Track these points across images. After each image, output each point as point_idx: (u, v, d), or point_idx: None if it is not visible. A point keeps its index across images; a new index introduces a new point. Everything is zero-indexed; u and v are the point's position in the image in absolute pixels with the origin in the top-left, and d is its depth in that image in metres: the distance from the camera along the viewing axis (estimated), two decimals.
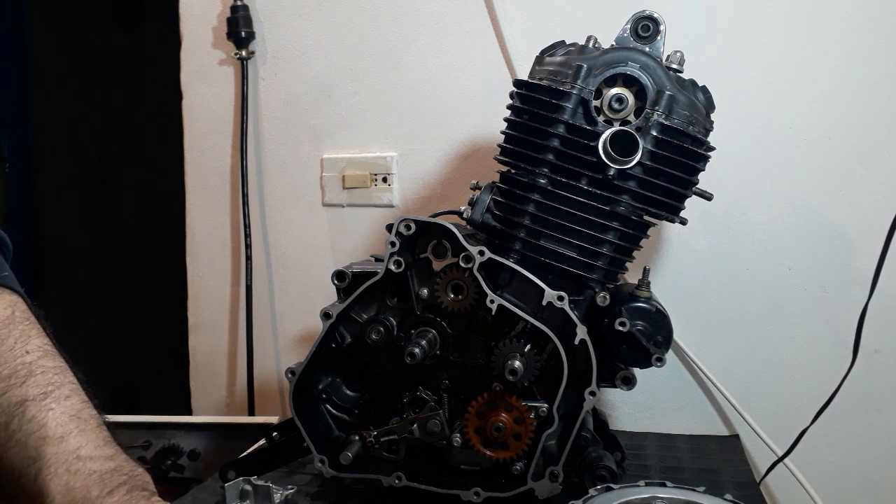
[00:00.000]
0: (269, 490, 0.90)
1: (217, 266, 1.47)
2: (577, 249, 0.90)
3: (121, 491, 0.63)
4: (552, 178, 0.90)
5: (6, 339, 0.69)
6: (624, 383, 0.91)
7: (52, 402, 0.67)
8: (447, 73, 1.32)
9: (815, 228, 1.20)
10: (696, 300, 1.25)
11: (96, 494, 0.62)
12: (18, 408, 0.66)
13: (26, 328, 0.71)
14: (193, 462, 1.29)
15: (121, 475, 0.64)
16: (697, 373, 1.25)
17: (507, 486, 0.91)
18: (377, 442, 0.93)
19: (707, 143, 0.93)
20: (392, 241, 0.90)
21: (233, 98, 1.44)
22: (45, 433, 0.65)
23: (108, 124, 2.14)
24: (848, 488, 1.21)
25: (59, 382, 0.68)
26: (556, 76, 0.91)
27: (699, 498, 0.79)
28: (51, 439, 0.65)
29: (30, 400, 0.66)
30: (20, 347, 0.69)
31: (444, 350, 0.93)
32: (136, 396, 2.17)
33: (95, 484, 0.63)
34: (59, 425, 0.65)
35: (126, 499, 0.62)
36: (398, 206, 1.37)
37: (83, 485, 0.63)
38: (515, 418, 0.90)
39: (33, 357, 0.69)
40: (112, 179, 2.20)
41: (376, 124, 1.37)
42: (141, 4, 2.11)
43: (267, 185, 1.43)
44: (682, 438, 1.23)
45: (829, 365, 1.16)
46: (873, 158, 1.18)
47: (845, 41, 1.17)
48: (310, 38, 1.39)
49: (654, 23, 0.91)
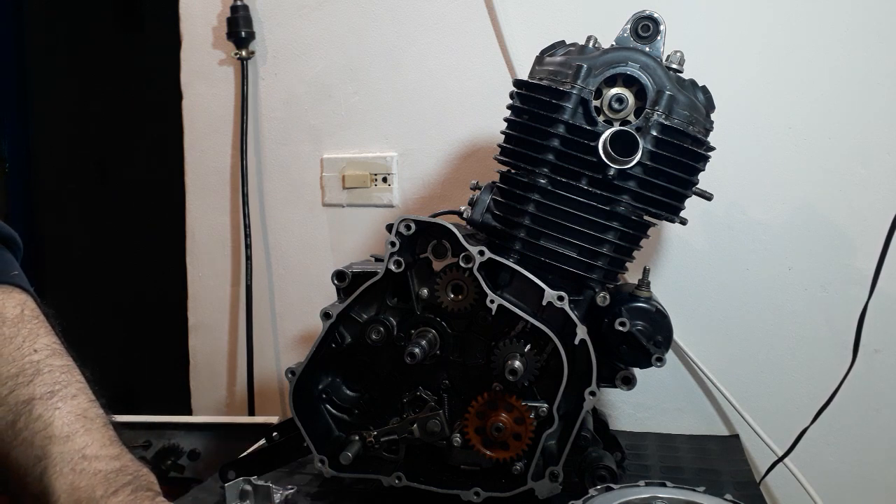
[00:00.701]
0: (269, 490, 0.90)
1: (217, 266, 1.47)
2: (577, 249, 0.90)
3: (125, 491, 0.63)
4: (552, 178, 0.90)
5: (14, 338, 0.70)
6: (624, 383, 0.91)
7: (58, 401, 0.67)
8: (447, 73, 1.32)
9: (815, 228, 1.20)
10: (696, 300, 1.25)
11: (101, 494, 0.62)
12: (25, 406, 0.66)
13: (35, 327, 0.72)
14: (193, 462, 1.29)
15: (126, 475, 0.64)
16: (697, 373, 1.25)
17: (507, 486, 0.91)
18: (377, 442, 0.93)
19: (707, 143, 0.93)
20: (392, 241, 0.90)
21: (233, 98, 1.44)
22: (51, 432, 0.65)
23: (108, 124, 2.14)
24: (848, 488, 1.21)
25: (66, 381, 0.69)
26: (556, 76, 0.91)
27: (699, 498, 0.79)
28: (57, 438, 0.65)
29: (37, 399, 0.66)
30: (28, 346, 0.70)
31: (444, 350, 0.92)
32: (136, 396, 2.17)
33: (100, 483, 0.63)
34: (65, 424, 0.66)
35: (130, 499, 0.62)
36: (398, 206, 1.37)
37: (88, 484, 0.63)
38: (515, 418, 0.90)
39: (41, 356, 0.69)
40: (112, 179, 2.20)
41: (376, 124, 1.37)
42: (141, 4, 2.11)
43: (267, 185, 1.43)
44: (682, 438, 1.23)
45: (829, 365, 1.16)
46: (873, 158, 1.18)
47: (845, 41, 1.17)
48: (310, 38, 1.39)
49: (654, 23, 0.91)
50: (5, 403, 0.66)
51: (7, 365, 0.68)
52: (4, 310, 0.71)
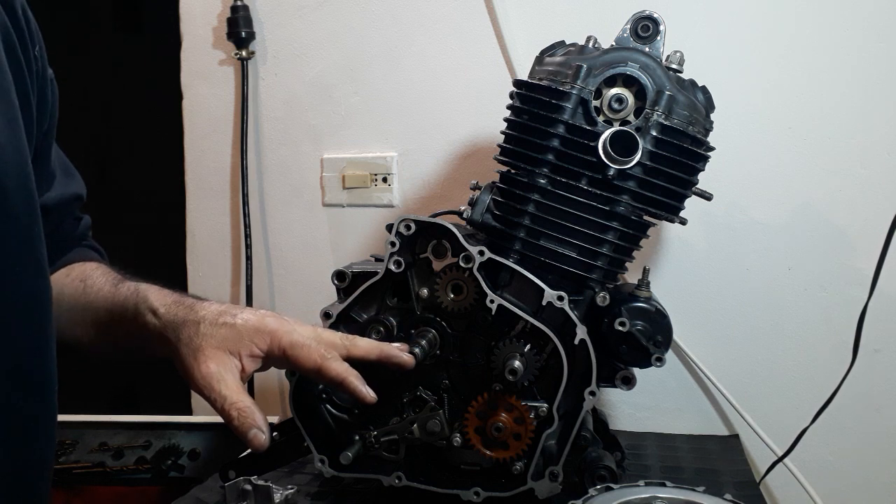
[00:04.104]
0: (269, 490, 0.90)
1: (217, 266, 1.47)
2: (577, 249, 0.90)
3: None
4: (552, 178, 0.90)
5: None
6: (624, 383, 0.91)
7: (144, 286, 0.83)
8: (447, 73, 1.32)
9: (815, 228, 1.20)
10: (696, 300, 1.25)
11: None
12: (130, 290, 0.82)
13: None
14: (193, 462, 1.29)
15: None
16: (697, 373, 1.25)
17: (506, 486, 0.91)
18: (377, 442, 0.93)
19: (707, 143, 0.93)
20: (392, 241, 0.90)
21: (233, 98, 1.44)
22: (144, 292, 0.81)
23: (108, 124, 2.13)
24: (848, 488, 1.21)
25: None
26: (556, 76, 0.91)
27: (699, 498, 0.79)
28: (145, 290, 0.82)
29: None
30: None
31: (444, 350, 0.92)
32: (137, 396, 2.16)
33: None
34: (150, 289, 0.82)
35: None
36: (398, 206, 1.37)
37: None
38: (515, 418, 0.90)
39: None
40: (112, 179, 2.19)
41: (376, 124, 1.37)
42: (141, 4, 2.11)
43: (267, 185, 1.43)
44: (682, 438, 1.23)
45: (829, 365, 1.16)
46: (873, 158, 1.18)
47: (845, 41, 1.17)
48: (310, 38, 1.39)
49: (653, 23, 0.91)
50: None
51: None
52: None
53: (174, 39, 1.46)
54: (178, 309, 0.78)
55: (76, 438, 1.31)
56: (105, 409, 1.41)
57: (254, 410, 0.71)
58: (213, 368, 0.73)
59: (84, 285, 0.85)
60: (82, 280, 0.86)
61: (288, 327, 0.76)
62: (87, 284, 0.85)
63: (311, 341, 0.76)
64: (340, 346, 0.78)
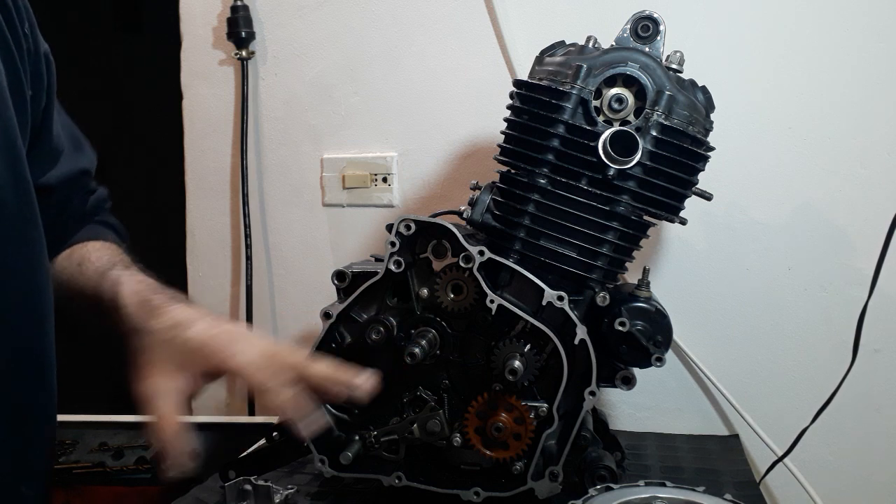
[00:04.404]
0: (269, 490, 0.90)
1: (217, 266, 1.47)
2: (577, 249, 0.90)
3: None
4: (552, 178, 0.90)
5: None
6: (624, 383, 0.91)
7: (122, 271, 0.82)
8: (447, 73, 1.32)
9: (815, 228, 1.20)
10: (696, 300, 1.25)
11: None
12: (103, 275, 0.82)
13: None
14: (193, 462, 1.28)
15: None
16: (697, 373, 1.25)
17: (507, 486, 0.91)
18: (377, 442, 0.93)
19: (707, 143, 0.93)
20: (392, 241, 0.90)
21: (233, 98, 1.44)
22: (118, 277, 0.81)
23: (108, 124, 2.13)
24: (848, 488, 1.22)
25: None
26: (556, 76, 0.91)
27: (699, 498, 0.79)
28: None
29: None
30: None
31: (444, 350, 0.93)
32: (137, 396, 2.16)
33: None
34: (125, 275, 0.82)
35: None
36: (398, 206, 1.37)
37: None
38: (515, 418, 0.90)
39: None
40: (112, 179, 2.19)
41: (376, 124, 1.37)
42: (141, 4, 2.11)
43: (267, 185, 1.43)
44: (682, 438, 1.23)
45: (829, 365, 1.16)
46: (873, 158, 1.18)
47: (845, 41, 1.17)
48: (310, 38, 1.39)
49: (653, 23, 0.91)
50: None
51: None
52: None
53: (174, 39, 1.46)
54: (140, 311, 0.76)
55: (76, 438, 1.31)
56: (105, 409, 1.41)
57: (177, 438, 0.71)
58: (152, 386, 0.72)
59: (80, 269, 0.84)
60: (80, 264, 0.85)
61: (235, 348, 0.72)
62: (82, 269, 0.84)
63: (256, 366, 0.72)
64: (294, 368, 0.74)
